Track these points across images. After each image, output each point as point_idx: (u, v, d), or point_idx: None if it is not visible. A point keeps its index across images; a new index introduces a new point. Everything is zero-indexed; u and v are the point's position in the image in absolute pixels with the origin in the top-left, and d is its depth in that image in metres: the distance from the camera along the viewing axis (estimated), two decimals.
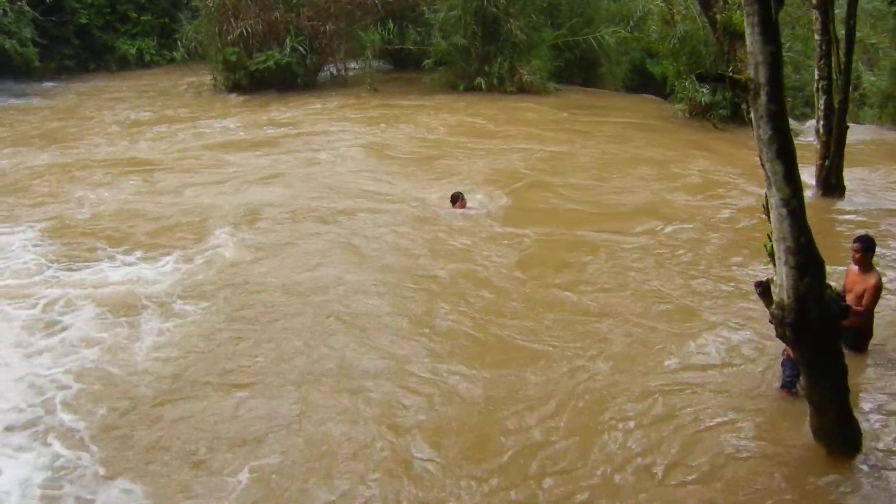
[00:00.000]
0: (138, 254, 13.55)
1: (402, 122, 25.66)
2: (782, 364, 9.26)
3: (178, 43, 33.12)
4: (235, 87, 31.06)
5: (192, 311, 11.31)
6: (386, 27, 33.07)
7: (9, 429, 8.44)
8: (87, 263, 13.08)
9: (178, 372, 9.64)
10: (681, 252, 13.98)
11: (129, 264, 13.12)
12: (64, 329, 10.77)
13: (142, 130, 24.48)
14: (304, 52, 31.20)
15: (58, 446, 8.17)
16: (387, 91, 31.50)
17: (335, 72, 33.81)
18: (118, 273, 12.73)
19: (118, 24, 38.15)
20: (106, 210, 16.00)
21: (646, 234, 14.97)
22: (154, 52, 38.42)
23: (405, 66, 36.53)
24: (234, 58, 30.42)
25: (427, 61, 32.78)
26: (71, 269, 12.83)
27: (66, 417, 8.67)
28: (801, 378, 8.74)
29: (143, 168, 19.49)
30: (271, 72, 30.66)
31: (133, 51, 37.80)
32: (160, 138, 23.38)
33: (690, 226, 15.46)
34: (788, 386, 9.05)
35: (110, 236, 14.37)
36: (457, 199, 16.16)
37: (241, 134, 24.22)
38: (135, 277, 12.50)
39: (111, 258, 13.35)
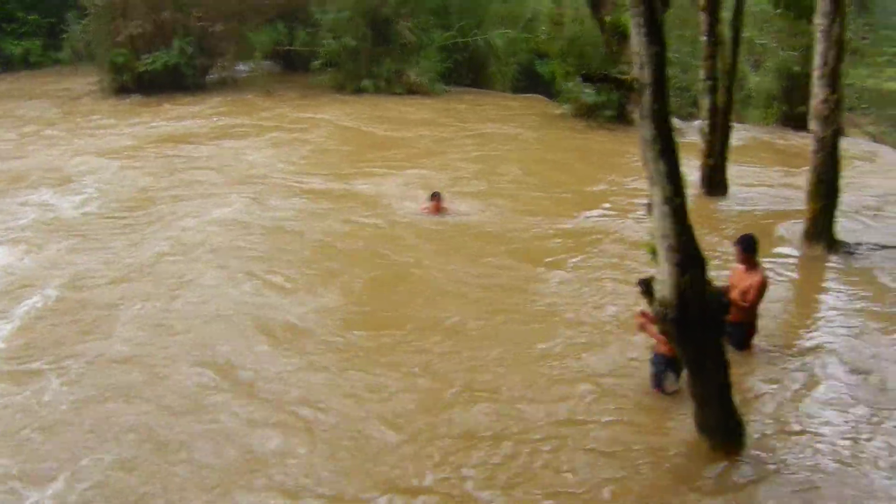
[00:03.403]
0: None
1: (309, 123, 25.79)
2: (651, 362, 9.36)
3: (65, 44, 32.13)
4: (122, 90, 30.13)
5: None
6: (276, 28, 32.64)
7: None
8: None
9: None
10: None
11: None
12: None
13: (53, 134, 24.15)
14: (192, 54, 30.53)
15: None
16: (279, 92, 31.12)
17: (224, 73, 33.02)
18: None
19: (4, 23, 36.80)
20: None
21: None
22: (40, 52, 37.09)
23: (295, 67, 36.00)
24: (121, 59, 29.61)
25: (315, 63, 32.25)
26: None
27: None
28: (667, 374, 8.91)
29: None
30: (159, 73, 29.88)
31: (19, 51, 36.59)
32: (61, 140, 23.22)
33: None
34: (656, 383, 9.18)
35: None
36: (432, 199, 15.91)
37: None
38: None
39: None
